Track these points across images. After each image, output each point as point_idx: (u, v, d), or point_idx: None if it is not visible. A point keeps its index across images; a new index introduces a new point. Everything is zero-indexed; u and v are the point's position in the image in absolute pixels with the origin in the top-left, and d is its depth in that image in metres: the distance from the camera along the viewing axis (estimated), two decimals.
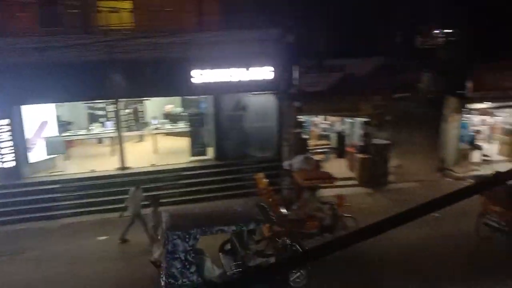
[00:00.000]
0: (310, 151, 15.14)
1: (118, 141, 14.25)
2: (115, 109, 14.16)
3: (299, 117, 14.53)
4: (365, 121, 15.23)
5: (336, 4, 13.58)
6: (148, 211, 10.72)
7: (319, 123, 17.63)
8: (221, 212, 9.36)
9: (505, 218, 10.53)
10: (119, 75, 12.81)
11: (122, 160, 14.07)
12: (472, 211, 10.71)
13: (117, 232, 11.47)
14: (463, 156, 15.75)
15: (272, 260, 8.68)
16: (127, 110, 15.89)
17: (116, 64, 12.49)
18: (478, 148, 16.21)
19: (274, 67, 13.54)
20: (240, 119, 14.38)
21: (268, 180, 11.72)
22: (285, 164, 13.63)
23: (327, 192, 13.02)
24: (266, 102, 14.37)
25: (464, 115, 15.81)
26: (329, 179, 11.13)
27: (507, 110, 16.34)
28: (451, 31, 27.70)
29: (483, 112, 16.41)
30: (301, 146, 14.33)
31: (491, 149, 16.50)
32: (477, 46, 20.24)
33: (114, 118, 14.48)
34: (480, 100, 15.28)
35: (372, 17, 13.98)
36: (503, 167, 15.55)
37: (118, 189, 12.94)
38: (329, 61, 13.87)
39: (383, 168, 14.90)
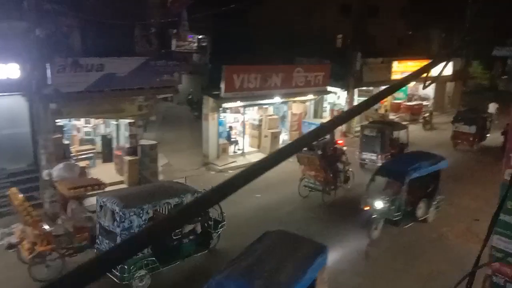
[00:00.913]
0: (73, 157, 13.89)
1: None
2: None
3: (57, 120, 13.10)
4: (130, 122, 14.95)
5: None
6: None
7: (81, 127, 16.36)
8: (160, 187, 10.32)
9: (318, 179, 13.83)
10: None
11: None
12: (294, 179, 14.33)
13: None
14: (222, 150, 17.39)
15: (198, 225, 9.84)
16: None
17: None
18: (234, 142, 18.17)
19: (21, 65, 11.75)
20: None
21: (24, 195, 10.13)
22: (45, 174, 12.08)
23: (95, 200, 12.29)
24: (14, 104, 12.31)
25: (221, 113, 17.46)
26: (97, 185, 10.44)
27: (253, 108, 18.86)
28: (201, 37, 30.34)
29: (235, 110, 18.45)
30: (63, 153, 12.95)
31: (244, 142, 18.70)
32: (223, 51, 22.74)
33: None
34: (232, 100, 17.10)
35: (127, 17, 13.81)
36: (255, 157, 17.93)
37: None
38: (87, 60, 12.97)
39: (152, 168, 14.96)
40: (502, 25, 31.86)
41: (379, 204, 11.47)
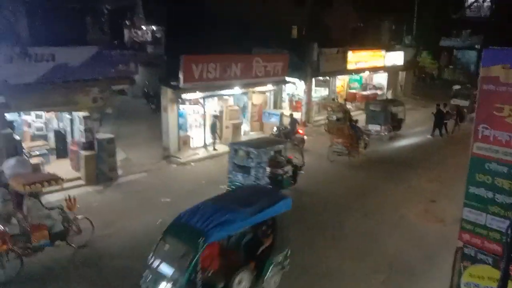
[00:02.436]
0: (26, 154, 13.07)
1: None
2: None
3: (6, 115, 12.26)
4: (84, 116, 14.28)
5: None
6: None
7: (32, 122, 15.44)
8: (269, 139, 15.41)
9: (344, 145, 16.71)
10: None
11: None
12: (324, 147, 17.40)
13: None
14: (183, 143, 17.00)
15: (290, 168, 13.45)
16: None
17: None
18: (215, 136, 17.66)
19: None
20: None
21: None
22: None
23: (52, 197, 11.67)
24: None
25: (180, 105, 17.05)
26: (54, 180, 9.82)
27: (213, 99, 18.55)
28: (155, 28, 29.57)
29: (195, 101, 18.07)
30: (14, 149, 12.12)
31: (205, 134, 18.31)
32: (179, 42, 22.22)
33: None
34: (191, 90, 16.73)
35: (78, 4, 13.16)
36: (217, 148, 17.71)
37: None
38: (36, 49, 12.20)
39: (110, 163, 14.37)
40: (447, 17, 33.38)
41: (162, 285, 7.24)
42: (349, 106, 24.92)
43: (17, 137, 12.90)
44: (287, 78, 21.02)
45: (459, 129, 21.81)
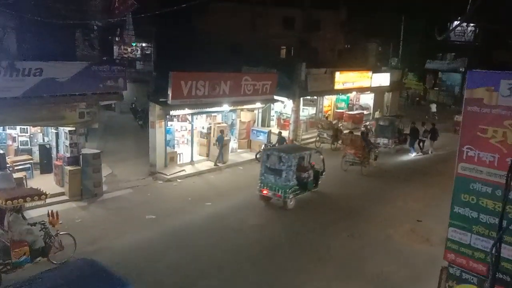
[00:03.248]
0: (9, 168, 12.83)
1: None
2: None
3: None
4: (70, 130, 14.14)
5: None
6: None
7: (16, 136, 15.22)
8: (296, 146, 18.00)
9: (356, 156, 18.02)
10: None
11: None
12: (337, 156, 18.94)
13: None
14: (170, 159, 16.89)
15: (312, 173, 14.97)
16: None
17: None
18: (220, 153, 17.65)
19: None
20: None
21: None
22: None
23: (34, 213, 11.43)
24: None
25: (168, 121, 17.01)
26: (37, 195, 9.64)
27: (201, 116, 18.56)
28: (145, 44, 29.72)
29: (183, 118, 18.06)
30: None
31: (192, 150, 18.24)
32: (168, 59, 22.35)
33: None
34: (180, 107, 16.72)
35: (68, 19, 13.13)
36: (203, 165, 17.65)
37: None
38: (24, 63, 12.12)
39: (95, 178, 14.18)
40: (432, 40, 34.20)
41: None
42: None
43: (1, 151, 12.69)
44: (276, 97, 21.18)
45: (433, 149, 22.23)
